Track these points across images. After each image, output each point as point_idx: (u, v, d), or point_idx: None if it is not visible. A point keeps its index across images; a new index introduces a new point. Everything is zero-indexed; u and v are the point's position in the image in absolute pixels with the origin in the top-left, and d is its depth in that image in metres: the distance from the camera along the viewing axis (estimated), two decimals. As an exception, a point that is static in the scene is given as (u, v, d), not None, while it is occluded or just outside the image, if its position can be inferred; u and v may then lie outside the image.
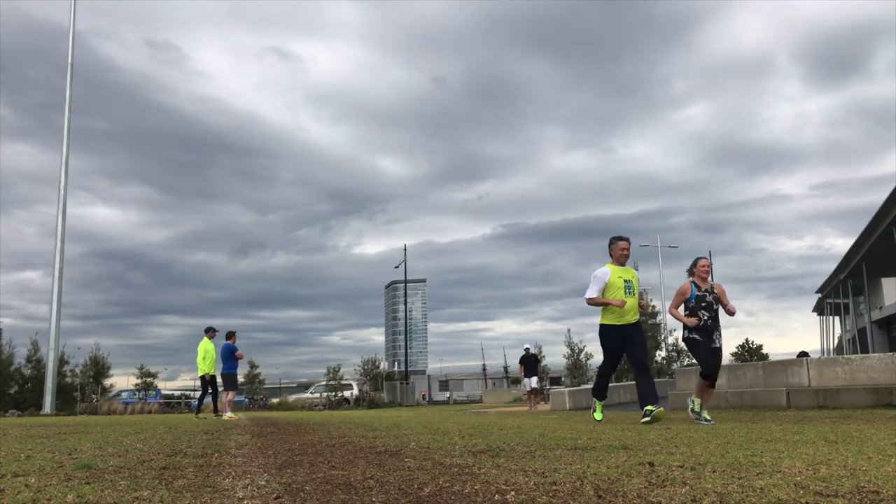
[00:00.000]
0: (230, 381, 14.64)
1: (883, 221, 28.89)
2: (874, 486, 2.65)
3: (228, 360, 14.36)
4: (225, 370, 14.47)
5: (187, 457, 4.53)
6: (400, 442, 5.33)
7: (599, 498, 2.58)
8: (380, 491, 2.87)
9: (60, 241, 25.84)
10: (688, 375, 13.62)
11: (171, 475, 3.47)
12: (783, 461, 3.49)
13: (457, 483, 3.01)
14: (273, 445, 5.49)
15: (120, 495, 2.81)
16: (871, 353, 25.09)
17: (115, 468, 3.81)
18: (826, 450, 4.03)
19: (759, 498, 2.47)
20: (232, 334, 14.61)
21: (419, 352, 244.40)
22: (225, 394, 14.87)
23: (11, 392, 29.50)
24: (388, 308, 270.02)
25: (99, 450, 5.14)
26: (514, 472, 3.33)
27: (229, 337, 14.50)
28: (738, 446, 4.37)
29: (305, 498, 2.75)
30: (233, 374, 14.63)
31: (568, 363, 35.68)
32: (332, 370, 35.30)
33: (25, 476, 3.48)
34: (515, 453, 4.25)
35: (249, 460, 4.29)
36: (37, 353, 30.01)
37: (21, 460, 4.36)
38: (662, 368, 35.07)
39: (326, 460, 4.13)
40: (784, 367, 11.64)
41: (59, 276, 25.86)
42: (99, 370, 32.08)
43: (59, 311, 26.37)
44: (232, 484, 3.17)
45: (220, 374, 14.66)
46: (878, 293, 42.36)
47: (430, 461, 3.90)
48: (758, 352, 56.07)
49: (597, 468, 3.37)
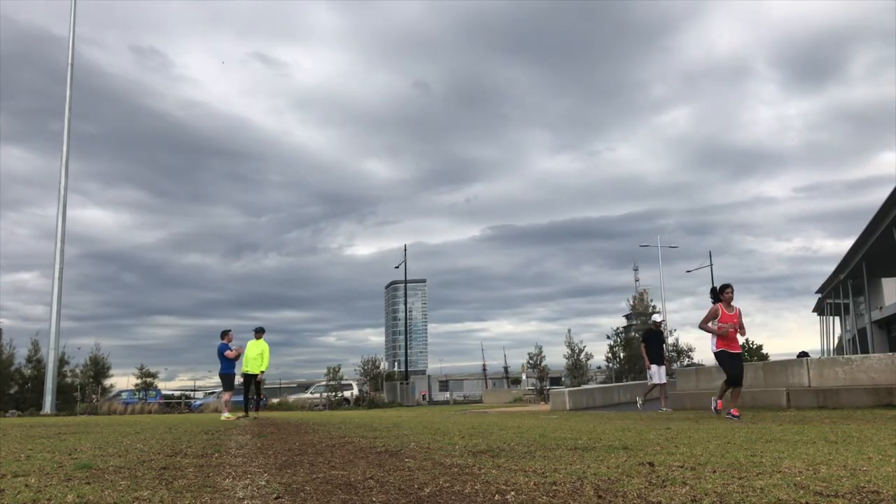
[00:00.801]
0: (225, 380, 14.29)
1: (883, 221, 28.90)
2: (874, 487, 2.65)
3: (222, 361, 13.94)
4: (220, 370, 14.13)
5: (187, 457, 4.53)
6: (400, 442, 5.33)
7: (599, 498, 2.58)
8: (380, 491, 2.87)
9: (60, 242, 25.84)
10: (688, 375, 13.63)
11: (171, 475, 3.48)
12: (783, 461, 3.50)
13: (457, 483, 3.01)
14: (273, 445, 5.49)
15: (120, 495, 2.81)
16: (872, 353, 25.10)
17: (115, 468, 3.81)
18: (826, 450, 4.03)
19: (759, 498, 2.47)
20: (225, 333, 14.16)
21: (419, 352, 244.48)
22: (222, 394, 14.47)
23: (11, 392, 29.50)
24: (388, 308, 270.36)
25: (99, 450, 5.14)
26: (514, 472, 3.33)
27: (223, 336, 14.10)
28: (738, 446, 4.37)
29: (305, 498, 2.75)
30: (227, 374, 14.22)
31: (568, 363, 35.69)
32: (333, 370, 35.30)
33: (25, 476, 3.48)
34: (515, 453, 4.25)
35: (249, 460, 4.29)
36: (37, 354, 30.00)
37: (21, 460, 4.36)
38: (662, 368, 35.07)
39: (326, 460, 4.13)
40: (784, 368, 11.63)
41: (60, 277, 25.85)
42: (99, 370, 32.05)
43: (60, 311, 26.38)
44: (232, 484, 3.18)
45: (218, 374, 14.31)
46: (878, 293, 42.36)
47: (431, 461, 3.90)
48: (758, 352, 56.10)
49: (597, 468, 3.37)
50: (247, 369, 14.09)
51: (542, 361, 36.40)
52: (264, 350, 14.22)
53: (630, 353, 35.69)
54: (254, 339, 14.33)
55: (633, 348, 35.82)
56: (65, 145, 26.61)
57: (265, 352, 14.22)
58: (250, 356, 14.10)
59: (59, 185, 26.23)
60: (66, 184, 26.33)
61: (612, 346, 36.52)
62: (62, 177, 26.31)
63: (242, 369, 14.21)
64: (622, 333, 37.68)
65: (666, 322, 34.14)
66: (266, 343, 14.45)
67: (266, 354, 14.26)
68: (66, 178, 26.40)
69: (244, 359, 14.13)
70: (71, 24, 27.59)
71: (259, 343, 14.27)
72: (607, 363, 37.09)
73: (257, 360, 14.08)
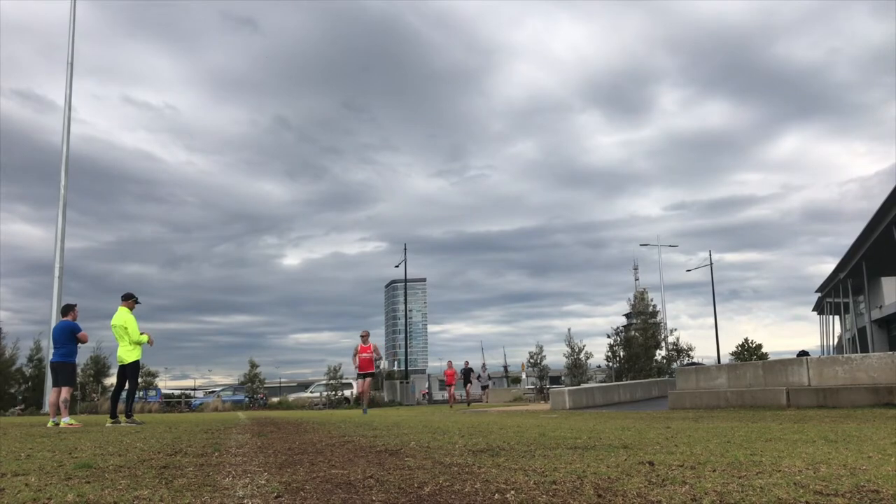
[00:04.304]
0: (72, 372, 11.03)
1: (882, 221, 28.88)
2: (874, 486, 2.65)
3: (71, 345, 10.73)
4: (65, 358, 10.78)
5: (187, 456, 4.53)
6: (400, 441, 5.34)
7: (599, 497, 2.58)
8: (380, 490, 2.87)
9: (60, 241, 25.84)
10: (687, 375, 13.63)
11: (171, 474, 3.48)
12: (783, 460, 3.50)
13: (457, 482, 3.02)
14: (273, 444, 5.49)
15: (120, 494, 2.81)
16: (871, 352, 25.09)
17: (115, 467, 3.81)
18: (826, 449, 4.03)
19: (758, 497, 2.47)
20: (70, 308, 10.96)
21: (419, 351, 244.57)
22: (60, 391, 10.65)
23: (12, 391, 29.55)
24: (387, 307, 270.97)
25: (99, 449, 5.14)
26: (514, 471, 3.33)
27: (67, 313, 10.93)
28: (738, 445, 4.37)
29: (305, 497, 2.75)
30: (71, 364, 10.90)
31: (568, 362, 35.67)
32: (333, 369, 35.29)
33: (26, 475, 3.48)
34: (515, 452, 4.25)
35: (249, 459, 4.29)
36: (38, 353, 30.05)
37: (21, 459, 4.36)
38: (662, 368, 35.07)
39: (326, 459, 4.13)
40: (784, 367, 11.63)
41: (59, 276, 25.85)
42: (99, 369, 32.07)
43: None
44: (232, 483, 3.18)
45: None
46: (878, 292, 42.36)
47: (430, 460, 3.90)
48: (757, 351, 56.13)
49: (597, 467, 3.38)
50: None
51: (542, 360, 36.39)
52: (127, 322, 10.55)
53: (630, 352, 35.71)
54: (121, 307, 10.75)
55: (633, 347, 35.84)
56: (64, 145, 26.63)
57: (128, 324, 10.54)
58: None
59: (60, 185, 26.25)
60: (66, 182, 26.34)
61: (612, 346, 36.50)
62: (62, 176, 26.33)
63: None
64: (622, 333, 37.64)
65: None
66: (128, 311, 10.68)
67: (131, 327, 10.55)
68: (66, 178, 26.41)
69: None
70: (71, 23, 27.59)
71: (119, 312, 10.66)
72: (607, 362, 37.09)
73: (122, 339, 10.54)
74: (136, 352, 10.61)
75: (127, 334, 10.50)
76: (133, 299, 10.82)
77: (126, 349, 10.54)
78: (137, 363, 10.72)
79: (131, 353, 10.54)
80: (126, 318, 10.54)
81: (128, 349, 10.54)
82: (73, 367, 10.96)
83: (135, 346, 10.59)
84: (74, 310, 10.86)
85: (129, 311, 10.69)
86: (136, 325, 10.63)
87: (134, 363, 10.62)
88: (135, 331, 10.54)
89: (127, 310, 10.67)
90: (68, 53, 27.39)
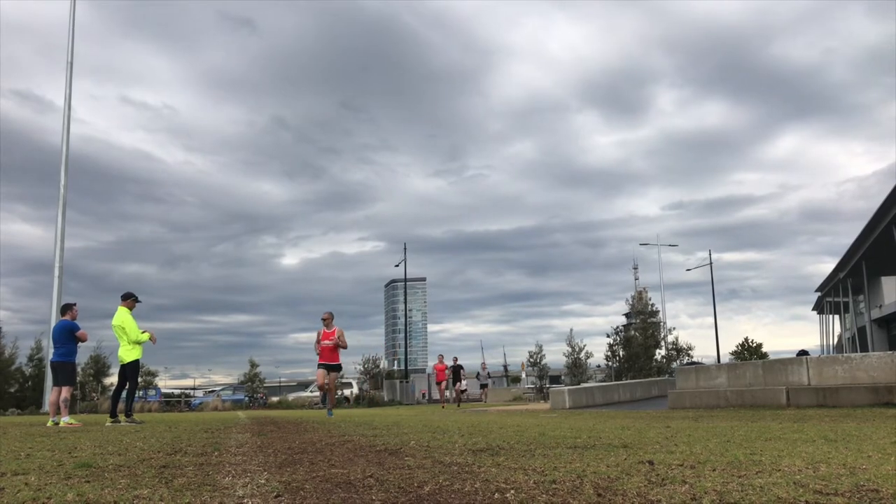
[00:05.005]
0: (72, 372, 11.05)
1: (882, 221, 28.87)
2: (874, 485, 2.65)
3: (70, 345, 10.74)
4: (66, 357, 10.80)
5: (187, 455, 4.53)
6: (400, 440, 5.34)
7: (599, 496, 2.58)
8: (380, 489, 2.87)
9: (60, 241, 25.85)
10: (686, 374, 13.62)
11: (171, 473, 3.47)
12: (783, 460, 3.50)
13: (457, 481, 3.01)
14: (273, 444, 5.49)
15: (120, 494, 2.81)
16: (871, 351, 25.08)
17: (114, 466, 3.81)
18: (826, 448, 4.03)
19: (758, 496, 2.47)
20: (69, 308, 10.92)
21: (419, 350, 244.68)
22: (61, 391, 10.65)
23: (12, 391, 29.55)
24: (387, 307, 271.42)
25: (99, 448, 5.14)
26: (514, 470, 3.33)
27: (66, 312, 10.95)
28: (737, 445, 4.37)
29: (305, 496, 2.75)
30: (71, 363, 10.96)
31: (568, 362, 35.70)
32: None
33: (25, 474, 3.48)
34: (515, 452, 4.25)
35: (249, 459, 4.29)
36: (38, 353, 30.05)
37: (21, 459, 4.36)
38: (662, 367, 35.09)
39: (326, 459, 4.13)
40: (784, 366, 11.63)
41: (59, 276, 25.86)
42: (99, 369, 32.09)
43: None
44: (232, 482, 3.17)
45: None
46: (878, 292, 42.37)
47: (430, 459, 3.90)
48: (757, 350, 56.10)
49: (597, 467, 3.38)
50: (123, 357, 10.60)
51: (542, 360, 36.41)
52: (125, 323, 10.52)
53: (630, 351, 35.72)
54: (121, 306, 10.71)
55: (632, 347, 35.84)
56: (64, 145, 26.63)
57: (126, 325, 10.52)
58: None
59: (60, 185, 26.26)
60: (65, 182, 26.35)
61: (612, 345, 36.52)
62: (62, 176, 26.33)
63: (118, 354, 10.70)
64: (622, 332, 37.66)
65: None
66: (127, 311, 10.62)
67: (129, 328, 10.51)
68: (66, 177, 26.42)
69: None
70: (70, 24, 27.57)
71: (119, 312, 10.62)
72: (607, 362, 37.11)
73: (121, 339, 10.55)
74: (136, 351, 10.61)
75: (125, 334, 10.51)
76: (132, 299, 10.82)
77: (126, 349, 10.57)
78: (137, 363, 10.73)
79: (131, 353, 10.57)
80: (124, 318, 10.57)
81: (127, 349, 10.57)
82: (73, 366, 10.96)
83: (134, 345, 10.59)
84: (73, 309, 10.83)
85: (128, 310, 10.69)
86: (135, 325, 10.63)
87: (133, 362, 10.64)
88: (133, 330, 10.54)
89: (126, 310, 10.68)
90: (68, 53, 27.38)
